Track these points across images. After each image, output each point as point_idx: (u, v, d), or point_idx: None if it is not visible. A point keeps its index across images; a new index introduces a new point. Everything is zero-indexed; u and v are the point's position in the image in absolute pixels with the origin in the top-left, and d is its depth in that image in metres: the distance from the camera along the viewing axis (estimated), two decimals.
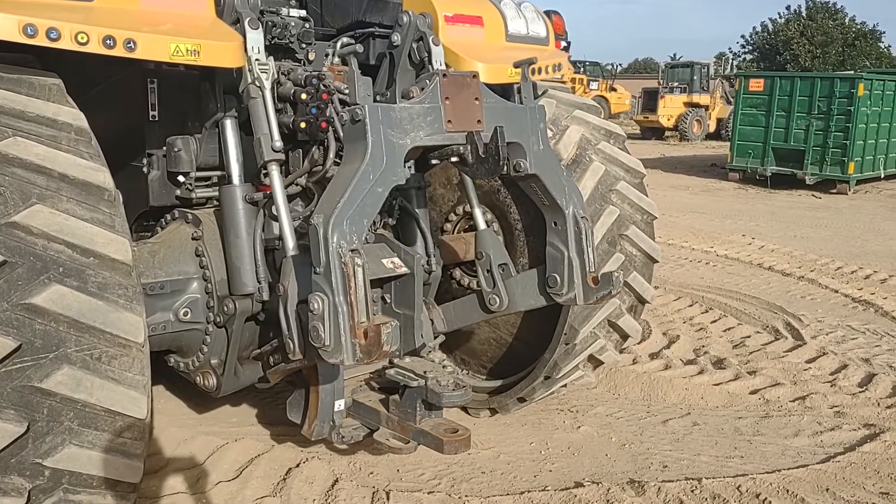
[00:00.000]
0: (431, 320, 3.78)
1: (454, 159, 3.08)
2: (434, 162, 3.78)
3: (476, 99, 2.91)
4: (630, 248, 4.07)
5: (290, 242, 2.95)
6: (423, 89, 2.86)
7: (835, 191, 15.78)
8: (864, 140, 15.92)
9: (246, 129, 3.31)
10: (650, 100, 29.91)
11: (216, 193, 3.50)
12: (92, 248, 2.33)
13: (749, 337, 6.25)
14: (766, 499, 3.65)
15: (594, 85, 32.16)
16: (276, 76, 3.19)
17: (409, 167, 3.50)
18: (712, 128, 29.86)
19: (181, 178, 3.50)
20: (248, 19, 3.07)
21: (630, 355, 5.60)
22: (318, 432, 3.42)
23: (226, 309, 3.27)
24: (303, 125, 3.25)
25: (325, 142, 3.51)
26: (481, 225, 3.76)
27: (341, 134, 3.52)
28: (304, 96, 3.23)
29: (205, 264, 3.33)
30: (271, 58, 3.16)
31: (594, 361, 4.36)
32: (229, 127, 3.32)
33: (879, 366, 5.60)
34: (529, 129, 3.05)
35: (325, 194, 2.64)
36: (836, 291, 7.91)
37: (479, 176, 3.21)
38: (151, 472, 3.66)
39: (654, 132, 29.98)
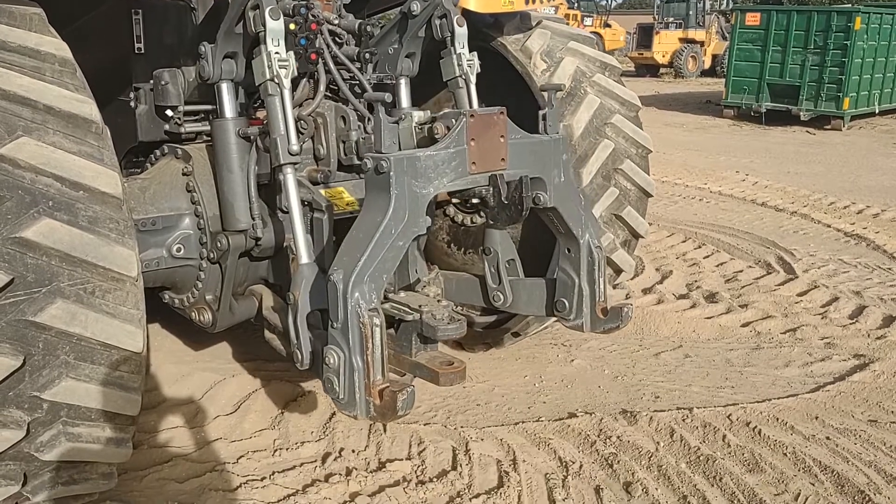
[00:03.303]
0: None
1: (475, 201, 3.02)
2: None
3: (501, 136, 2.80)
4: (624, 182, 4.05)
5: (303, 251, 2.85)
6: (449, 129, 2.73)
7: (829, 127, 15.68)
8: (860, 75, 15.75)
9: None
10: (645, 36, 29.46)
11: (206, 128, 3.45)
12: (81, 181, 2.29)
13: (741, 271, 6.29)
14: (756, 427, 3.72)
15: (588, 21, 31.62)
16: (295, 73, 2.99)
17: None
18: (707, 64, 29.50)
19: (169, 113, 3.44)
20: (269, 8, 2.84)
21: (623, 291, 5.63)
22: None
23: (219, 245, 3.26)
24: None
25: (315, 74, 3.45)
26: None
27: (332, 67, 3.48)
28: (292, 27, 3.15)
29: (196, 200, 3.30)
30: (291, 52, 2.96)
31: None
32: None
33: (870, 298, 5.65)
34: (552, 162, 2.96)
35: (344, 245, 2.55)
36: (829, 226, 7.94)
37: (499, 222, 3.14)
38: (150, 407, 3.70)
39: (648, 69, 29.62)
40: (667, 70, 29.16)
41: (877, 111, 16.73)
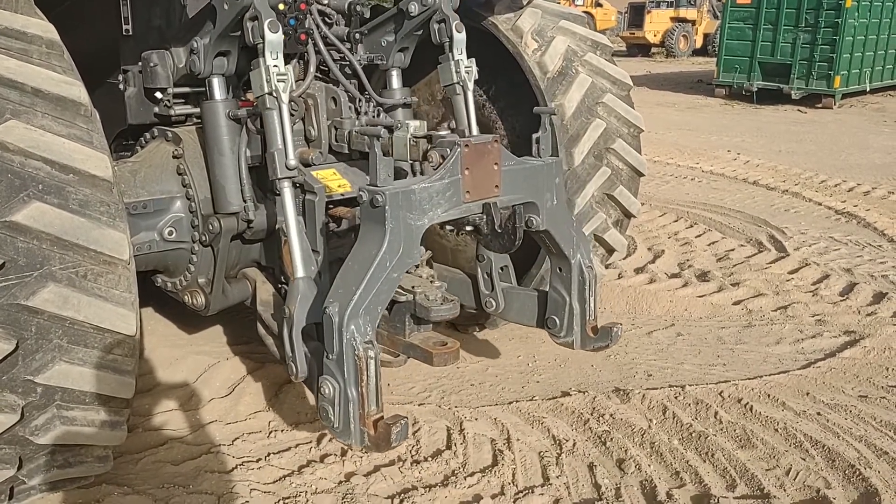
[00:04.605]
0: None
1: (469, 228, 3.04)
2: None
3: (495, 164, 2.82)
4: (616, 161, 4.05)
5: (299, 265, 2.85)
6: (443, 158, 2.73)
7: (820, 105, 15.69)
8: (851, 53, 15.74)
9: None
10: (636, 15, 29.37)
11: (196, 110, 3.43)
12: (71, 164, 2.27)
13: (733, 250, 6.31)
14: (747, 403, 3.75)
15: (579, 0, 31.48)
16: (293, 87, 2.95)
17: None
18: (699, 43, 29.45)
19: (159, 95, 3.41)
20: (268, 21, 2.78)
21: (615, 270, 5.65)
22: None
23: (211, 228, 3.25)
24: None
25: (305, 55, 3.43)
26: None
27: (322, 47, 3.46)
28: (281, 6, 3.12)
29: (187, 183, 3.29)
30: (289, 66, 2.90)
31: None
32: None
33: (861, 275, 5.69)
34: (545, 186, 3.00)
35: (340, 277, 2.57)
36: (820, 204, 7.97)
37: (493, 249, 3.21)
38: (144, 390, 3.70)
39: (640, 49, 29.55)
40: (658, 49, 29.10)
41: (868, 89, 16.74)
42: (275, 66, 2.83)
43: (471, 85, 3.54)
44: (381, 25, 3.67)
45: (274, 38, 2.81)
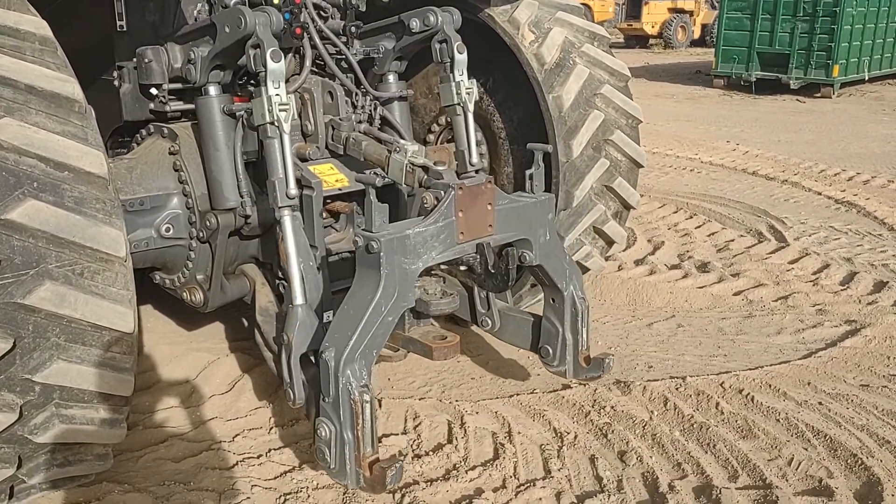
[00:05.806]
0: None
1: (463, 268, 3.08)
2: None
3: (489, 204, 2.85)
4: (615, 153, 4.04)
5: (298, 292, 2.84)
6: (438, 200, 2.75)
7: (819, 95, 15.65)
8: (849, 42, 15.70)
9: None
10: (634, 6, 29.26)
11: (192, 106, 3.41)
12: (66, 161, 2.26)
13: (733, 240, 6.30)
14: (748, 394, 3.74)
15: None
16: (294, 116, 2.91)
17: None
18: (697, 34, 29.37)
19: (154, 91, 3.39)
20: (270, 50, 2.75)
21: (615, 262, 5.64)
22: None
23: (208, 224, 3.25)
24: None
25: (301, 49, 3.42)
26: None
27: (318, 42, 3.44)
28: (276, 0, 3.11)
29: (184, 179, 3.28)
30: (292, 96, 2.88)
31: (581, 268, 4.38)
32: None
33: (861, 264, 5.68)
34: (538, 222, 3.04)
35: (336, 321, 2.59)
36: (820, 194, 7.96)
37: (487, 288, 3.26)
38: (144, 388, 3.70)
39: (638, 40, 29.46)
40: (656, 41, 29.01)
41: (866, 78, 16.70)
42: (277, 95, 2.80)
43: (471, 106, 3.53)
44: (380, 30, 3.66)
45: (276, 68, 2.78)
